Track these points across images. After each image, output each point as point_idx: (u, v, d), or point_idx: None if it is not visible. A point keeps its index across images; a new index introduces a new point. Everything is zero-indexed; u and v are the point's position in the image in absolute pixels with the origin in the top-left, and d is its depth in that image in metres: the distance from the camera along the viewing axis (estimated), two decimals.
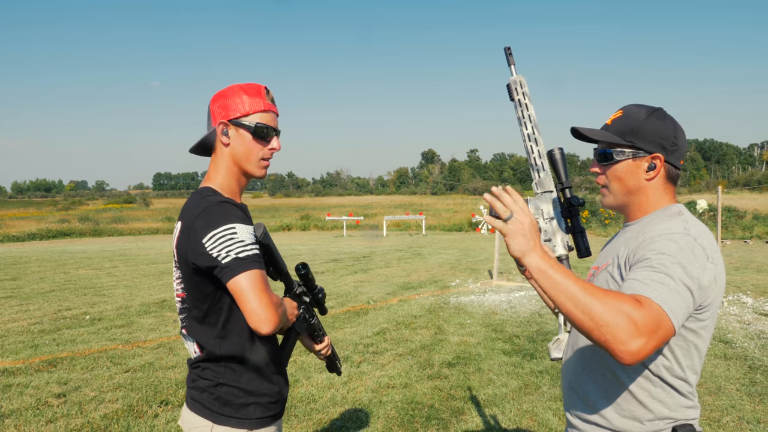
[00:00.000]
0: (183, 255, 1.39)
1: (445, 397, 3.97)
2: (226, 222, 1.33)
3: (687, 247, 1.14)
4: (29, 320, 6.41)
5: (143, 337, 5.66)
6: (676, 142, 1.29)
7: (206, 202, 1.38)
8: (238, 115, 1.44)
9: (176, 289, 1.48)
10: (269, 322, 1.29)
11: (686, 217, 1.25)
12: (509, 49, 1.44)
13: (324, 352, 1.78)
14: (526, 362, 4.73)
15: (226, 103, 1.45)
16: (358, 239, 19.53)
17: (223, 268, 1.30)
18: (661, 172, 1.29)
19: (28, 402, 3.85)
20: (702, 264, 1.13)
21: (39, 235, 22.84)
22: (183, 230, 1.40)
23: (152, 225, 27.49)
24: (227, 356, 1.43)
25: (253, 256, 1.32)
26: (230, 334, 1.43)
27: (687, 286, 1.09)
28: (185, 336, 1.49)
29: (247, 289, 1.28)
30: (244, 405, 1.45)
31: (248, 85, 1.48)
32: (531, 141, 1.41)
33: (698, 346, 1.22)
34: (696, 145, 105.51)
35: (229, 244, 1.31)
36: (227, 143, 1.46)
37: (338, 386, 4.17)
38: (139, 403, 3.84)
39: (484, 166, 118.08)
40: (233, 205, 1.39)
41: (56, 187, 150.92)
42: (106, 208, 51.41)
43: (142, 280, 9.59)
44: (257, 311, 1.28)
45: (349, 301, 7.49)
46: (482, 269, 10.72)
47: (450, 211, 31.93)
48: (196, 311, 1.43)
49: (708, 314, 1.19)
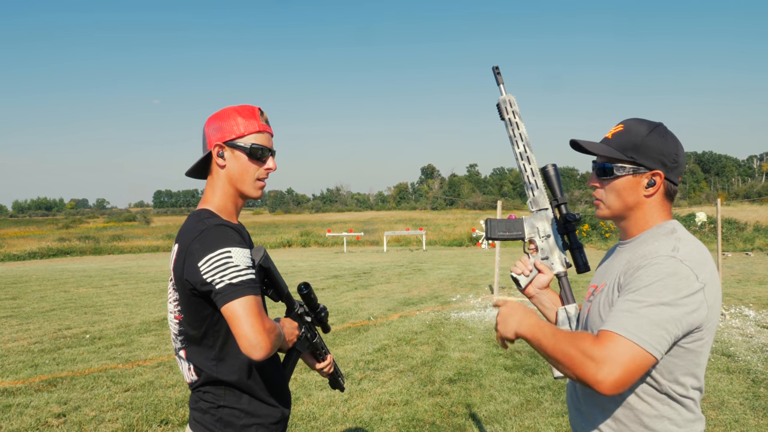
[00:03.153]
0: (180, 277, 1.39)
1: (447, 413, 3.95)
2: (223, 245, 1.33)
3: (669, 271, 1.15)
4: (29, 339, 6.39)
5: (143, 355, 5.64)
6: (677, 160, 1.29)
7: (203, 225, 1.38)
8: (233, 136, 1.46)
9: (172, 311, 1.48)
10: (261, 348, 1.28)
11: (679, 235, 1.25)
12: (497, 69, 1.47)
13: (326, 371, 1.79)
14: (527, 378, 4.71)
15: (221, 125, 1.47)
16: (358, 255, 19.51)
17: (217, 294, 1.30)
18: (660, 188, 1.30)
19: (28, 422, 3.83)
20: (686, 285, 1.14)
21: (39, 253, 22.83)
22: (179, 252, 1.40)
23: (153, 243, 27.47)
24: (225, 380, 1.43)
25: (247, 281, 1.31)
26: (228, 356, 1.43)
27: (662, 310, 1.12)
28: (182, 359, 1.48)
29: (240, 316, 1.28)
30: (246, 426, 1.45)
31: (242, 107, 1.50)
32: (523, 159, 1.43)
33: (698, 362, 1.22)
34: (695, 157, 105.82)
35: (224, 269, 1.31)
36: (223, 165, 1.47)
37: (339, 404, 4.15)
38: (139, 422, 3.82)
39: (484, 180, 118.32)
40: (231, 228, 1.39)
41: (57, 206, 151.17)
42: (106, 226, 51.47)
43: (142, 298, 9.58)
44: (248, 337, 1.27)
45: (350, 318, 7.47)
46: (483, 284, 10.70)
47: (450, 226, 31.92)
48: (194, 332, 1.43)
49: (702, 333, 1.19)
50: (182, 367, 1.49)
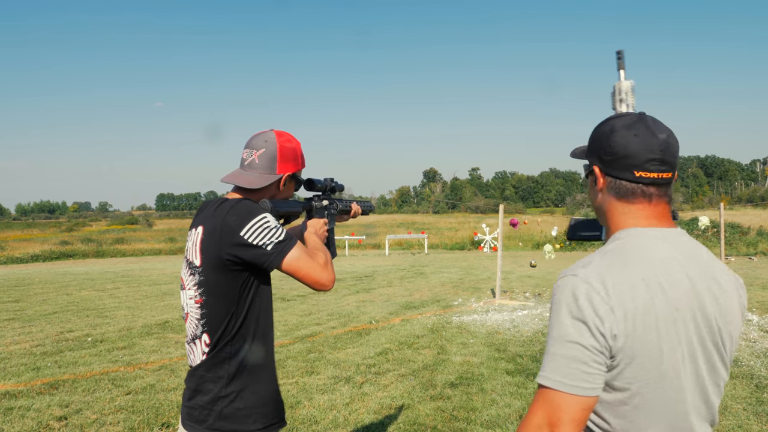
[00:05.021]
0: (215, 252, 1.47)
1: (448, 418, 3.94)
2: (257, 213, 1.48)
3: (565, 296, 0.97)
4: (31, 342, 6.40)
5: (145, 358, 5.64)
6: (611, 150, 1.04)
7: (229, 203, 1.52)
8: (299, 168, 1.69)
9: (192, 297, 1.53)
10: (328, 280, 1.53)
11: (611, 247, 1.03)
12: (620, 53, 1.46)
13: (355, 213, 2.03)
14: (529, 382, 4.69)
15: (296, 155, 1.67)
16: (360, 258, 19.51)
17: (271, 254, 1.46)
18: (604, 187, 1.08)
19: (29, 425, 3.83)
20: (584, 306, 0.94)
21: (42, 256, 22.89)
22: (210, 232, 1.49)
23: (155, 246, 27.51)
24: (235, 351, 1.49)
25: (287, 235, 1.50)
26: (246, 330, 1.52)
27: (566, 342, 0.94)
28: (196, 337, 1.52)
29: (301, 266, 1.48)
30: (247, 417, 1.48)
31: (298, 142, 1.73)
32: None
33: (635, 404, 0.98)
34: (698, 161, 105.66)
35: (267, 231, 1.46)
36: (282, 190, 1.67)
37: (340, 407, 4.15)
38: (140, 425, 3.82)
39: (486, 184, 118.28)
40: (252, 201, 1.57)
41: (60, 209, 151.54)
42: (109, 229, 51.54)
43: (144, 301, 9.59)
44: (315, 278, 1.50)
45: (351, 321, 7.46)
46: (485, 288, 10.68)
47: (452, 230, 31.90)
48: (218, 306, 1.50)
49: (625, 360, 0.95)
50: (195, 351, 1.53)
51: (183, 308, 1.58)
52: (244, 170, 1.63)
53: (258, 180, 1.59)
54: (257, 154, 1.61)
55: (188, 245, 1.56)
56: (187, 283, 1.54)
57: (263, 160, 1.61)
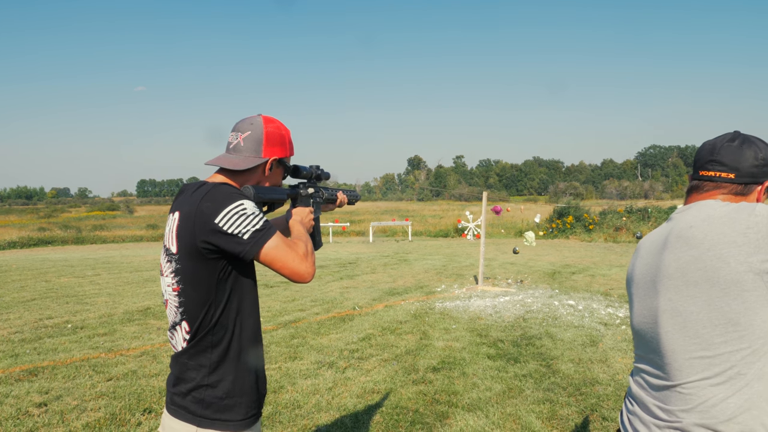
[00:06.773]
0: (190, 240, 1.42)
1: (430, 401, 4.00)
2: (234, 199, 1.42)
3: None
4: (9, 329, 6.31)
5: (126, 345, 5.60)
6: None
7: (206, 187, 1.46)
8: (287, 154, 1.64)
9: (170, 284, 1.49)
10: (307, 273, 1.46)
11: None
12: None
13: (341, 202, 1.99)
14: (510, 366, 4.77)
15: (284, 140, 1.62)
16: (344, 245, 19.51)
17: (247, 244, 1.39)
18: None
19: (8, 412, 3.80)
20: None
21: (20, 243, 22.47)
22: (185, 217, 1.44)
23: (136, 232, 27.19)
24: (216, 341, 1.46)
25: (265, 223, 1.43)
26: (226, 319, 1.48)
27: None
28: (176, 324, 1.50)
29: (279, 256, 1.42)
30: (229, 406, 1.47)
31: (287, 129, 1.68)
32: None
33: None
34: (678, 151, 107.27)
35: (243, 219, 1.40)
36: (268, 175, 1.62)
37: (323, 392, 4.18)
38: (122, 411, 3.80)
39: (470, 172, 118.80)
40: (230, 185, 1.50)
41: (38, 195, 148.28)
42: (88, 215, 50.70)
43: (125, 287, 9.49)
44: (293, 269, 1.44)
45: (335, 307, 7.49)
46: (467, 275, 10.78)
47: (436, 217, 32.04)
48: (196, 295, 1.45)
49: None
50: (176, 337, 1.51)
51: (163, 294, 1.55)
52: (229, 153, 1.59)
53: (242, 162, 1.54)
54: (242, 137, 1.57)
55: (166, 231, 1.52)
56: (165, 270, 1.50)
57: (248, 143, 1.57)
